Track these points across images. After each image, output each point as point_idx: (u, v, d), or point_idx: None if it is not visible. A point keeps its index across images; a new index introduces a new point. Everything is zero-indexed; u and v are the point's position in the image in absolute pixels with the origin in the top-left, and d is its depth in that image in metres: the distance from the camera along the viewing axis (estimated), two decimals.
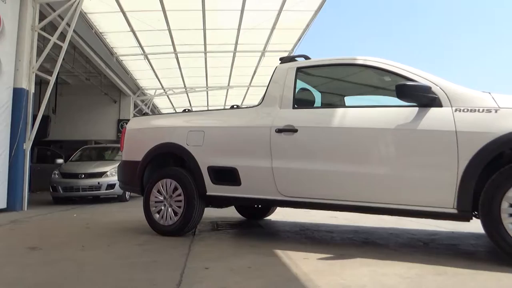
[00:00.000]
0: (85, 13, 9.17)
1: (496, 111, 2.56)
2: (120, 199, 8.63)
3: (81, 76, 13.45)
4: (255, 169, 3.34)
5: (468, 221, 2.65)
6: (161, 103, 19.98)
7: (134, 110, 16.26)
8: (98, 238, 3.76)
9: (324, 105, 4.00)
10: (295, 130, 3.18)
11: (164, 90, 16.42)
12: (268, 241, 3.52)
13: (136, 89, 15.98)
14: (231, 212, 5.30)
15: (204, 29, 10.54)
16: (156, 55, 12.38)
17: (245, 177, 3.39)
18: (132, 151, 4.18)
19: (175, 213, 3.67)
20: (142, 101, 17.12)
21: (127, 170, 4.22)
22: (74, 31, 7.89)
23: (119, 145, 7.97)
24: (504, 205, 2.42)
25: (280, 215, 5.32)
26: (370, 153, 2.91)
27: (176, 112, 5.14)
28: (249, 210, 5.03)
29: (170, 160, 4.05)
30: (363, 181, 2.90)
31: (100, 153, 10.35)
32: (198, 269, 2.45)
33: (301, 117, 3.26)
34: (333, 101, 4.20)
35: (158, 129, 4.08)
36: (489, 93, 2.70)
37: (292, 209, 4.80)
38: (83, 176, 8.35)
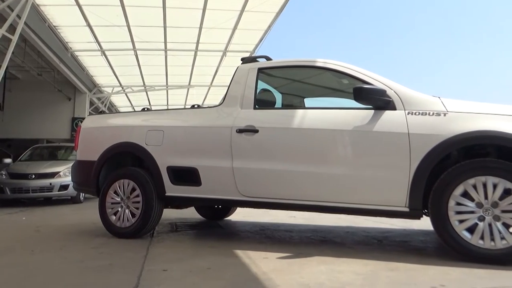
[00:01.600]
0: (37, 5, 8.72)
1: (444, 114, 2.71)
2: (73, 200, 8.28)
3: (32, 71, 12.75)
4: (215, 169, 3.32)
5: (419, 218, 2.79)
6: (119, 101, 19.38)
7: (90, 108, 15.67)
8: (49, 241, 3.58)
9: (285, 106, 4.06)
10: (256, 131, 3.20)
11: (122, 88, 15.95)
12: (228, 241, 3.51)
13: (93, 86, 15.40)
14: (190, 213, 5.24)
15: (165, 27, 10.37)
16: (114, 52, 12.01)
17: (206, 177, 3.37)
18: (87, 150, 4.02)
19: (133, 215, 3.57)
20: (99, 99, 16.52)
21: (82, 170, 4.05)
22: (25, 23, 7.47)
23: (73, 144, 7.65)
24: (451, 203, 2.57)
25: (240, 215, 5.33)
26: (328, 154, 2.99)
27: (134, 111, 5.01)
28: (209, 211, 5.00)
29: (127, 160, 3.93)
30: (322, 181, 2.97)
31: (53, 152, 9.87)
32: (156, 271, 2.40)
33: (262, 117, 3.28)
34: (293, 102, 4.27)
35: (116, 128, 3.96)
36: (439, 97, 2.86)
37: (252, 209, 4.83)
38: (33, 176, 7.91)
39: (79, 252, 3.04)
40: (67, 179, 7.61)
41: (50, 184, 7.89)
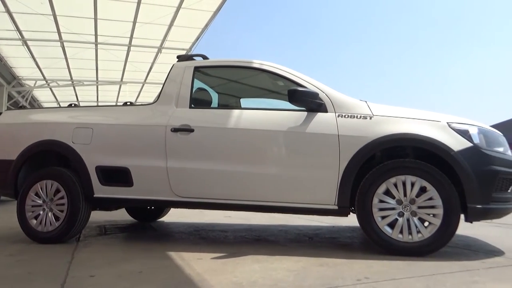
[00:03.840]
0: None
1: (370, 118, 2.90)
2: None
3: None
4: (148, 169, 3.22)
5: (346, 216, 2.96)
6: (43, 96, 17.97)
7: (8, 102, 14.30)
8: None
9: (221, 105, 4.06)
10: (191, 130, 3.15)
11: (47, 81, 14.81)
12: (161, 243, 3.43)
13: (12, 78, 14.09)
14: (121, 215, 5.02)
15: (96, 19, 9.83)
16: (37, 42, 11.11)
17: (138, 177, 3.25)
18: (4, 148, 3.67)
19: (57, 218, 3.33)
20: (19, 92, 15.17)
21: None
22: None
23: None
24: (375, 200, 2.76)
25: (174, 216, 5.22)
26: (263, 154, 3.05)
27: (60, 107, 4.68)
28: (141, 212, 4.83)
29: (51, 160, 3.66)
30: (256, 181, 3.01)
31: None
32: (82, 278, 2.26)
33: (198, 117, 3.25)
34: (229, 102, 4.28)
35: (38, 124, 3.66)
36: (366, 101, 3.05)
37: (187, 209, 4.76)
38: None
39: None
40: None
41: None
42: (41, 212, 3.38)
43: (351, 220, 3.23)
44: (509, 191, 2.81)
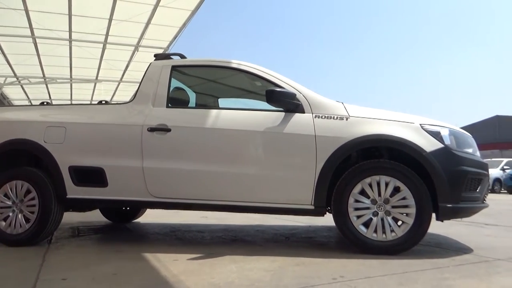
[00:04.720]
0: None
1: (347, 119, 2.94)
2: None
3: None
4: (124, 169, 3.17)
5: (323, 215, 2.99)
6: (13, 93, 17.36)
7: None
8: None
9: (198, 105, 4.03)
10: (168, 130, 3.12)
11: (17, 78, 14.31)
12: (136, 244, 3.37)
13: None
14: (95, 216, 4.91)
15: (70, 15, 9.59)
16: (8, 38, 10.73)
17: (113, 177, 3.19)
18: None
19: (27, 220, 3.22)
20: None
21: None
22: None
23: None
24: (351, 200, 2.80)
25: (150, 217, 5.15)
26: (240, 154, 3.05)
27: (31, 105, 4.53)
28: (116, 213, 4.74)
29: (22, 159, 3.54)
30: (233, 181, 3.01)
31: None
32: (53, 281, 2.20)
33: (175, 116, 3.22)
34: (207, 102, 4.26)
35: (7, 123, 3.53)
36: (342, 103, 3.09)
37: (163, 210, 4.71)
38: None
39: None
40: None
41: None
42: (11, 214, 3.26)
43: (327, 220, 3.27)
44: (477, 190, 2.91)
